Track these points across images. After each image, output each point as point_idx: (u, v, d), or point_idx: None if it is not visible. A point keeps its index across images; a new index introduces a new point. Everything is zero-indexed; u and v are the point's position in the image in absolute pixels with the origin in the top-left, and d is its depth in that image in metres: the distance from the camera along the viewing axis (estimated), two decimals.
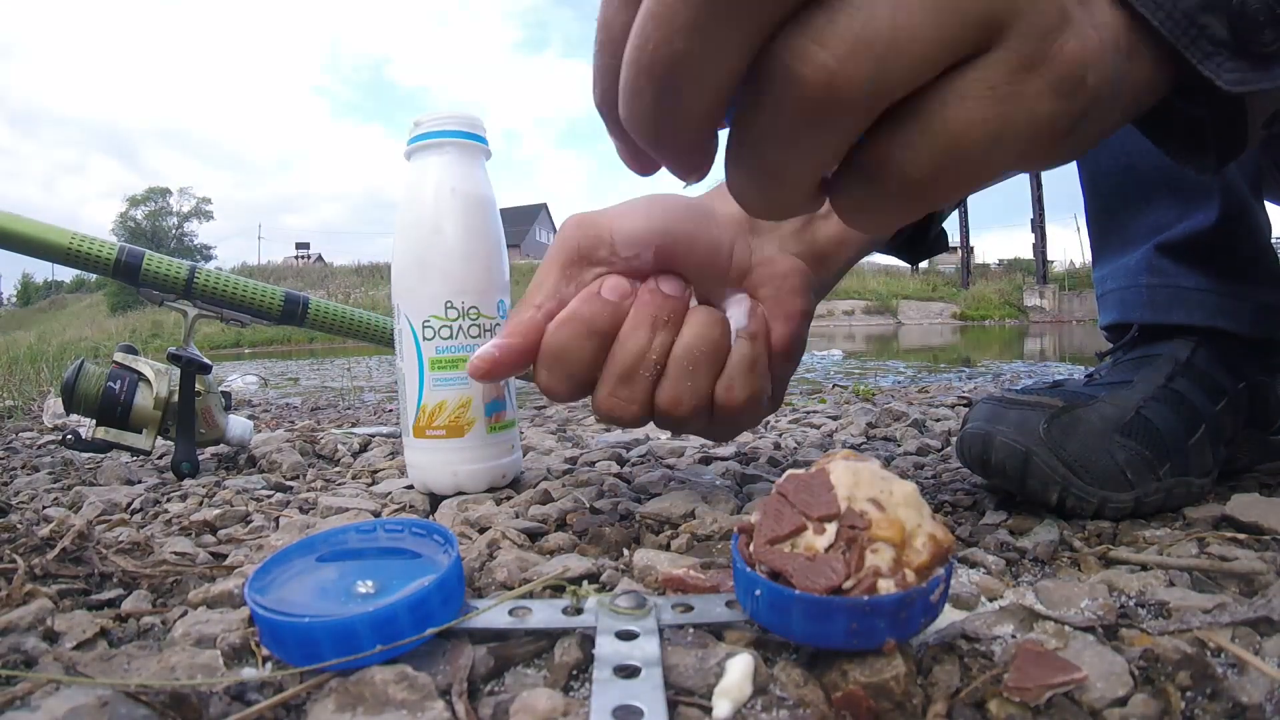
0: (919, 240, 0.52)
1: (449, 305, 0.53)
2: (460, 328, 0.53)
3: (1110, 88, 0.25)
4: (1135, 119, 0.31)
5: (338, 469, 0.73)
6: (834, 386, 1.96)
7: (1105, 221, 0.63)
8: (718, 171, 0.27)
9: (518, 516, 0.49)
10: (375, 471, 0.69)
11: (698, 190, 0.40)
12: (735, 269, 0.43)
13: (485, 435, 0.55)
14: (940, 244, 0.53)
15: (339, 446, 0.84)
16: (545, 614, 0.30)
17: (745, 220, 0.44)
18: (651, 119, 0.23)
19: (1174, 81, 0.28)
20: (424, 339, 0.54)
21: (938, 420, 0.93)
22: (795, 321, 0.43)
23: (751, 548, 0.27)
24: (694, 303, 0.42)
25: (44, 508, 0.57)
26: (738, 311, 0.42)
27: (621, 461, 0.70)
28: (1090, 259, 0.66)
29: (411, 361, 0.54)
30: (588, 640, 0.29)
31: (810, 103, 0.21)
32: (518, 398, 0.58)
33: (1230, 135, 0.30)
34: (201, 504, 0.58)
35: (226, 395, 0.80)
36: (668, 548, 0.42)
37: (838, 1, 0.20)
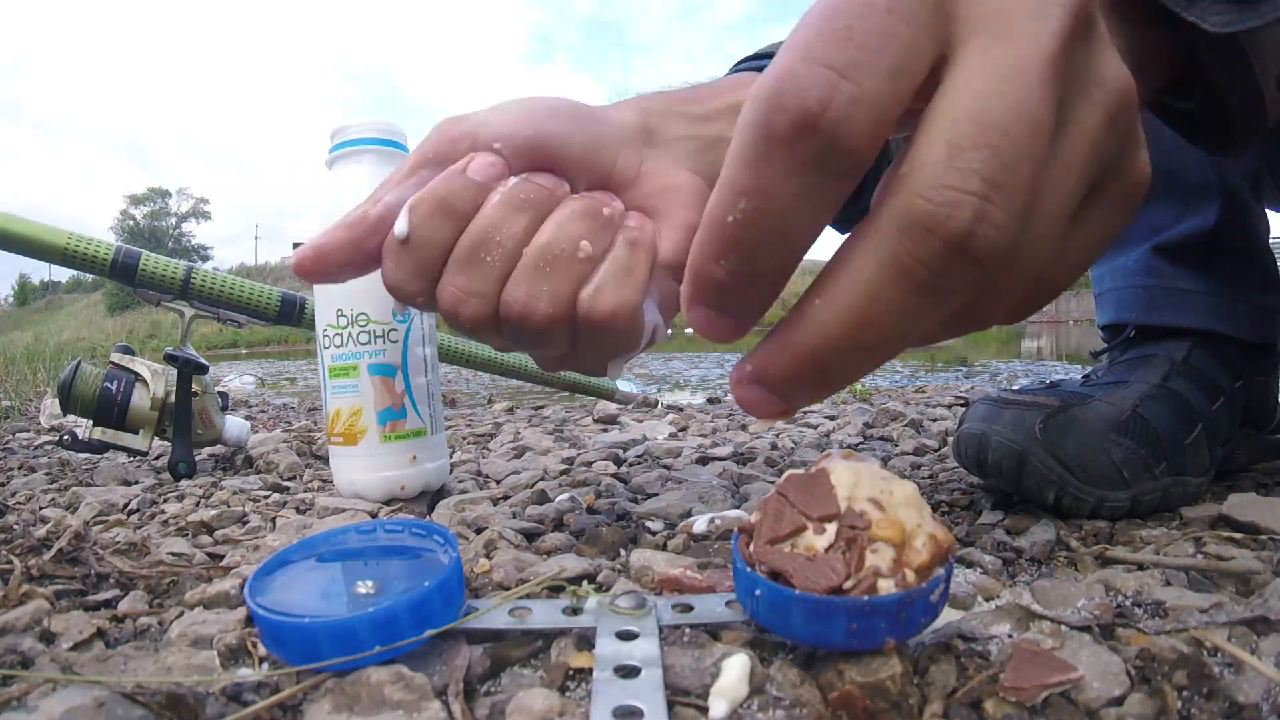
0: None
1: (340, 313, 0.53)
2: (350, 335, 0.53)
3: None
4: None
5: None
6: None
7: None
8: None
9: (514, 517, 0.49)
10: None
11: None
12: (618, 175, 0.38)
13: (378, 444, 0.53)
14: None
15: None
16: (545, 614, 0.30)
17: (640, 130, 0.39)
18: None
19: (1167, 56, 0.27)
20: (324, 347, 0.54)
21: (934, 420, 0.93)
22: (688, 234, 0.37)
23: (751, 548, 0.27)
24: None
25: (41, 508, 0.57)
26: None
27: (618, 461, 0.70)
28: None
29: (322, 369, 0.55)
30: (585, 641, 0.29)
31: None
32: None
33: (1247, 105, 0.29)
34: (198, 504, 0.58)
35: (223, 395, 0.80)
36: (664, 548, 0.42)
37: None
